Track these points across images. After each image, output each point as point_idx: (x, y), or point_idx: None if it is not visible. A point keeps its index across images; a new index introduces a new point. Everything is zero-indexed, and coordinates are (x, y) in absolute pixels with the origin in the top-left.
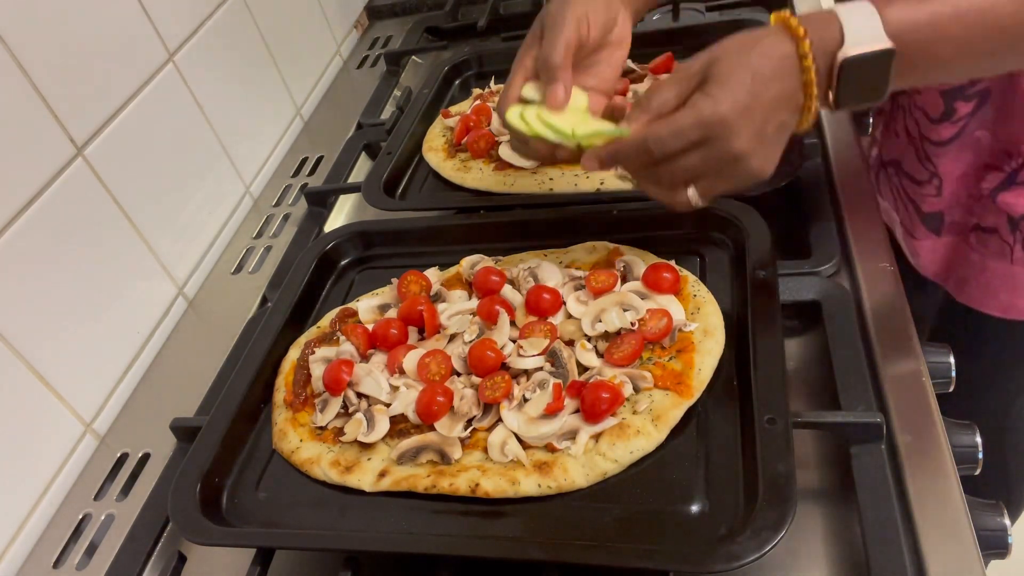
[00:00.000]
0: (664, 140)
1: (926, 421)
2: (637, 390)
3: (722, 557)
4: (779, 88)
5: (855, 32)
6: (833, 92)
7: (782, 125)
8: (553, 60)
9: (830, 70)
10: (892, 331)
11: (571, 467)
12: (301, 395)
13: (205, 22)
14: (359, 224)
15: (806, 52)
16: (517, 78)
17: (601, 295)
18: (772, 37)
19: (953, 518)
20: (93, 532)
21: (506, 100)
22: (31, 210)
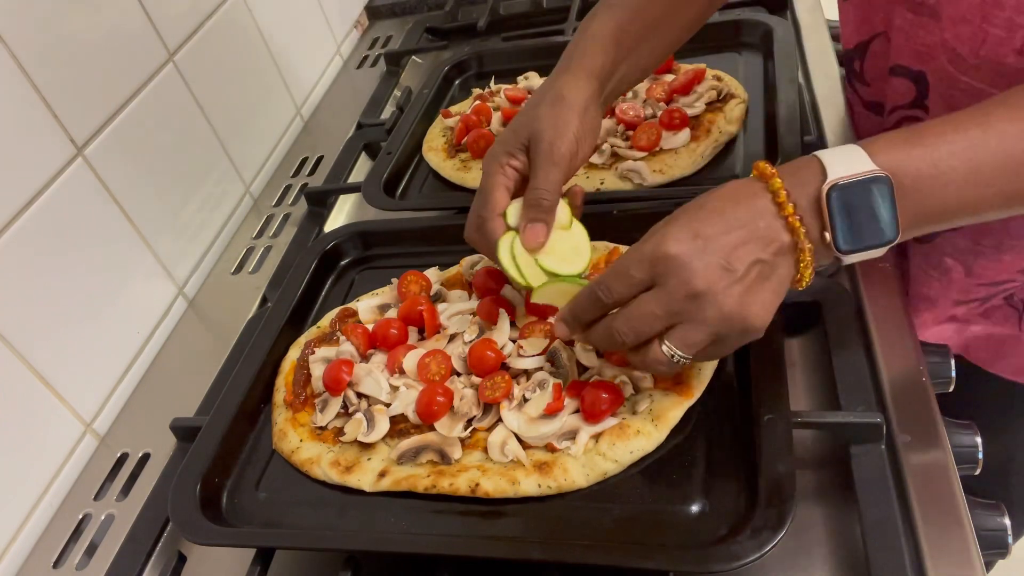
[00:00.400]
0: (609, 283)
1: (926, 421)
2: (637, 390)
3: (722, 557)
4: (746, 226)
5: (836, 164)
6: (830, 233)
7: (763, 267)
8: (546, 202)
9: (817, 208)
10: (892, 331)
11: (571, 467)
12: (301, 395)
13: (205, 22)
14: (359, 224)
15: (778, 188)
16: (498, 192)
17: None
18: (739, 181)
19: (953, 518)
20: (93, 532)
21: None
22: (31, 210)
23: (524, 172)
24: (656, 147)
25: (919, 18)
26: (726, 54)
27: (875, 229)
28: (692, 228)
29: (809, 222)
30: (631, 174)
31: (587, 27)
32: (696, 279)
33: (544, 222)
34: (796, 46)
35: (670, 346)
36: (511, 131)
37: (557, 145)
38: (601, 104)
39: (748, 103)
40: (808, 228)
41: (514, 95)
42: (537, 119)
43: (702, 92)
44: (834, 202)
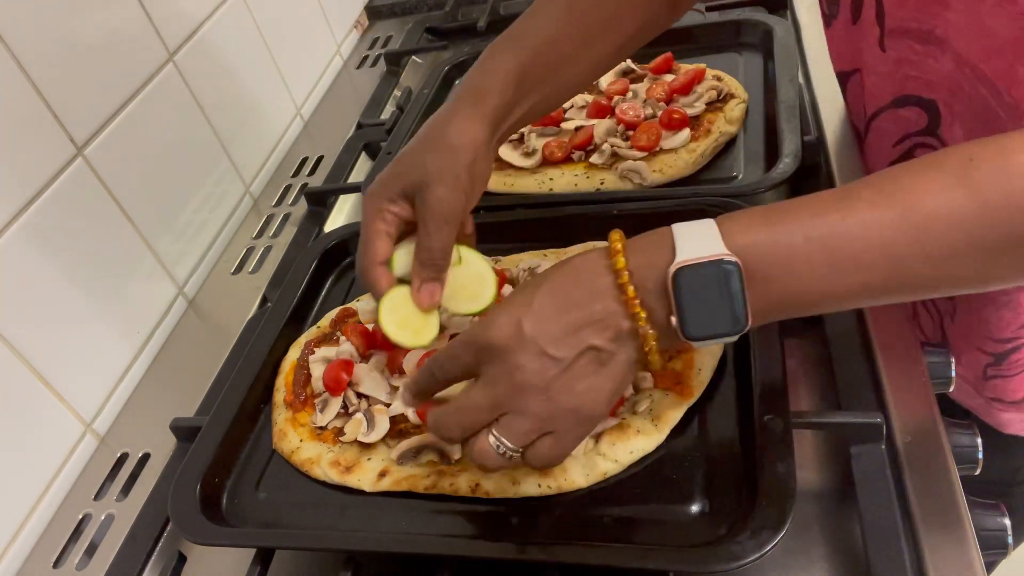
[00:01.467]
0: (442, 362)
1: (926, 421)
2: (637, 390)
3: (722, 557)
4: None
5: (687, 243)
6: (676, 318)
7: (597, 354)
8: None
9: (664, 289)
10: (892, 331)
11: (571, 467)
12: (301, 395)
13: (205, 22)
14: (359, 224)
15: (620, 268)
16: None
17: None
18: (587, 254)
19: (953, 518)
20: (93, 532)
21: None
22: (31, 210)
23: (406, 218)
24: (656, 147)
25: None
26: (726, 54)
27: (723, 316)
28: (517, 313)
29: (654, 304)
30: (631, 174)
31: (484, 63)
32: (516, 371)
33: (439, 281)
34: (796, 46)
35: (497, 436)
36: (393, 175)
37: (448, 201)
38: (495, 143)
39: (748, 103)
40: (652, 311)
41: None
42: (424, 168)
43: (702, 92)
44: (680, 286)
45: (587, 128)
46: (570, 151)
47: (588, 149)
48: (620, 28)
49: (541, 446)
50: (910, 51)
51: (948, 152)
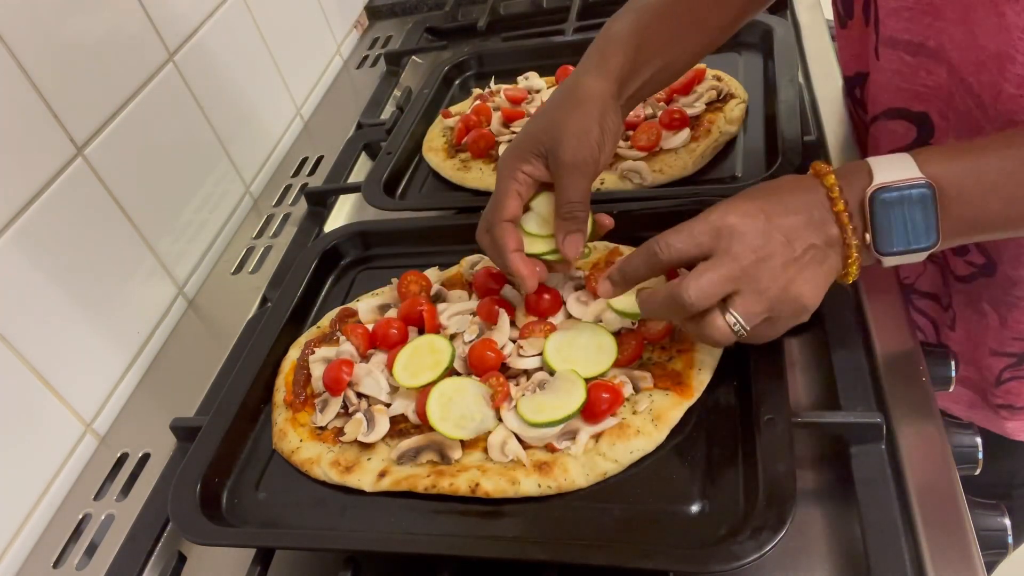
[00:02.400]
0: (670, 239)
1: (926, 421)
2: (637, 390)
3: (722, 557)
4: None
5: (884, 169)
6: (870, 233)
7: (816, 252)
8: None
9: (862, 208)
10: (892, 331)
11: (571, 467)
12: (301, 395)
13: (205, 22)
14: (359, 224)
15: (832, 184)
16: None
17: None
18: (795, 175)
19: (953, 518)
20: (93, 532)
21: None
22: (31, 210)
23: (539, 178)
24: (656, 147)
25: (918, 59)
26: (726, 54)
27: (914, 235)
28: (757, 204)
29: (856, 221)
30: (631, 174)
31: (608, 29)
32: (761, 248)
33: (581, 232)
34: (796, 46)
35: (733, 314)
36: (528, 136)
37: (580, 154)
38: (623, 105)
39: (748, 103)
40: (855, 227)
41: (514, 95)
42: (556, 126)
43: (702, 92)
44: (877, 205)
45: None
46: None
47: None
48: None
49: (760, 328)
50: (900, 62)
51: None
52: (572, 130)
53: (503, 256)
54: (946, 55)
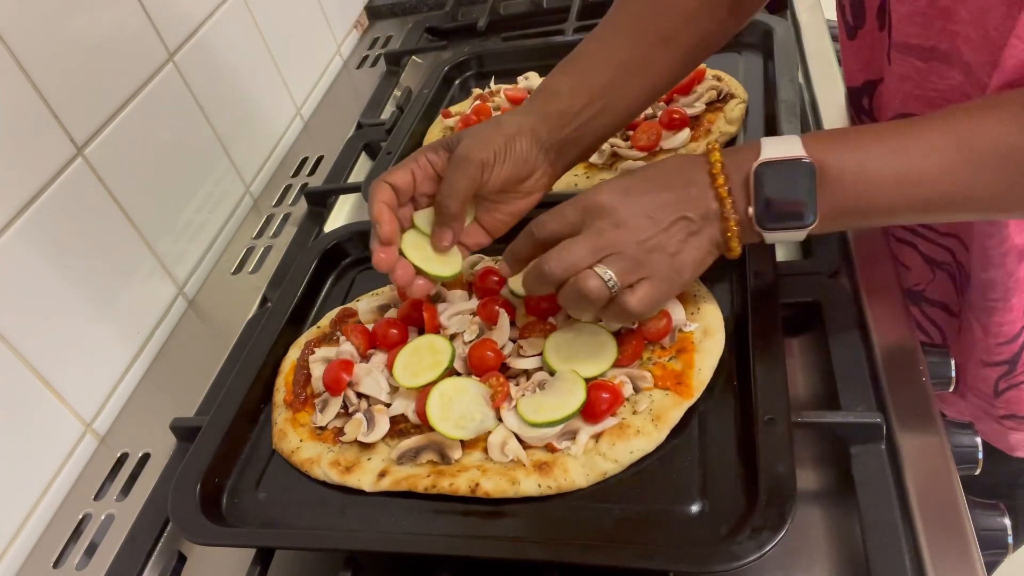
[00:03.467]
0: (544, 219)
1: (926, 421)
2: (637, 390)
3: (722, 557)
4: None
5: (771, 147)
6: (753, 208)
7: (688, 224)
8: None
9: (746, 183)
10: (892, 331)
11: (571, 467)
12: (301, 395)
13: (205, 22)
14: (359, 224)
15: (715, 161)
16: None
17: None
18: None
19: (953, 518)
20: (93, 532)
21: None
22: (31, 210)
23: (438, 168)
24: (656, 147)
25: (930, 64)
26: (726, 54)
27: (793, 211)
28: (624, 184)
29: (738, 196)
30: None
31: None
32: (620, 223)
33: (449, 227)
34: (796, 46)
35: (603, 267)
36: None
37: (473, 153)
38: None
39: (748, 103)
40: (736, 201)
41: (514, 95)
42: (469, 130)
43: (702, 92)
44: (760, 179)
45: None
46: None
47: None
48: (681, 39)
49: (639, 288)
50: (912, 68)
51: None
52: (479, 134)
53: (370, 204)
54: (961, 57)
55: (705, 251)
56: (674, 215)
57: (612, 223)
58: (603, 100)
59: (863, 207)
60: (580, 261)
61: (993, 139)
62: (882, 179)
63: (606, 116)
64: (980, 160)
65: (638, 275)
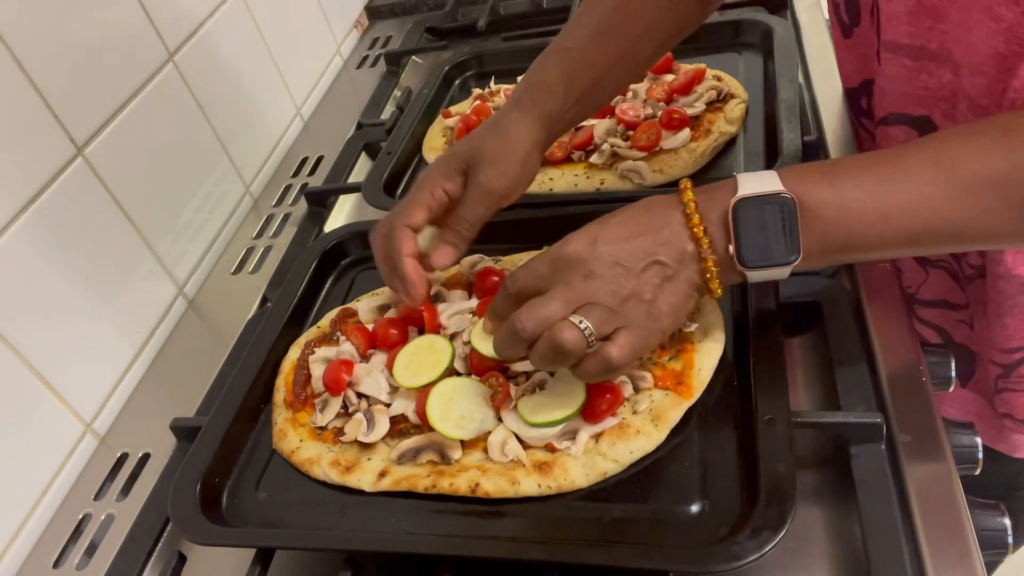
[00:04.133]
0: (516, 274)
1: (926, 421)
2: (637, 390)
3: (722, 557)
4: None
5: (748, 183)
6: (733, 246)
7: (663, 269)
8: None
9: (725, 222)
10: (892, 331)
11: (571, 467)
12: (301, 395)
13: (205, 22)
14: (359, 224)
15: (688, 200)
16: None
17: None
18: (658, 196)
19: (953, 518)
20: (93, 532)
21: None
22: (31, 210)
23: (454, 196)
24: (656, 147)
25: (919, 63)
26: (726, 54)
27: (775, 247)
28: (592, 232)
29: (716, 235)
30: (631, 174)
31: (540, 71)
32: (590, 274)
33: (457, 248)
34: (796, 46)
35: (580, 317)
36: (455, 154)
37: (496, 183)
38: (543, 150)
39: (748, 103)
40: (714, 240)
41: None
42: (482, 150)
43: (702, 92)
44: (739, 216)
45: (587, 128)
46: (570, 151)
47: (588, 149)
48: (657, 33)
49: (618, 337)
50: (901, 67)
51: (987, 122)
52: (498, 161)
53: (397, 258)
54: (951, 56)
55: (683, 295)
56: (646, 260)
57: (583, 274)
58: (588, 96)
59: (847, 242)
60: (553, 315)
61: (973, 169)
62: (863, 212)
63: (583, 111)
64: (961, 191)
65: (615, 325)
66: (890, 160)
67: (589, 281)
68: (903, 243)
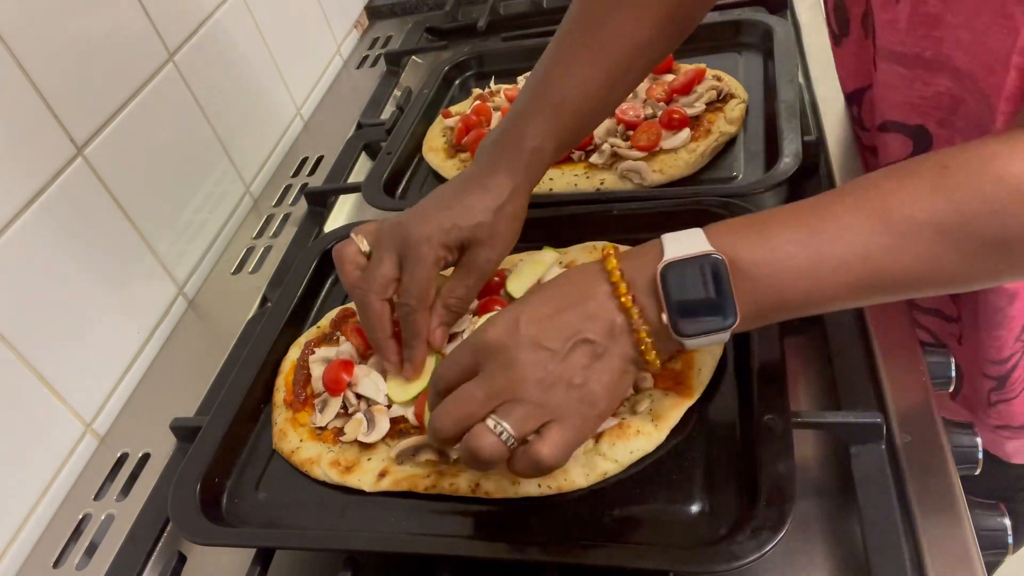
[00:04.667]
0: (440, 370)
1: (926, 421)
2: (637, 390)
3: (722, 557)
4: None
5: (674, 245)
6: (666, 314)
7: (592, 347)
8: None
9: (654, 288)
10: (892, 331)
11: (571, 467)
12: (301, 395)
13: (205, 22)
14: (360, 224)
15: (612, 268)
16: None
17: None
18: (582, 266)
19: (953, 518)
20: (93, 532)
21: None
22: (31, 210)
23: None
24: (656, 147)
25: (913, 71)
26: (726, 54)
27: (710, 311)
28: (514, 315)
29: (646, 303)
30: (631, 174)
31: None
32: (512, 363)
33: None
34: (796, 46)
35: (495, 419)
36: (452, 224)
37: (493, 263)
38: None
39: (748, 103)
40: (644, 309)
41: (514, 95)
42: (479, 224)
43: (702, 92)
44: (668, 281)
45: None
46: (570, 151)
47: (588, 149)
48: (640, 66)
49: (547, 434)
50: (895, 75)
51: (924, 159)
52: (494, 239)
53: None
54: (950, 62)
55: (617, 372)
56: (573, 340)
57: (503, 364)
58: (570, 137)
59: (782, 301)
60: (471, 411)
61: (910, 213)
62: (797, 269)
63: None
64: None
65: (542, 420)
66: (825, 208)
67: (510, 371)
68: (846, 297)
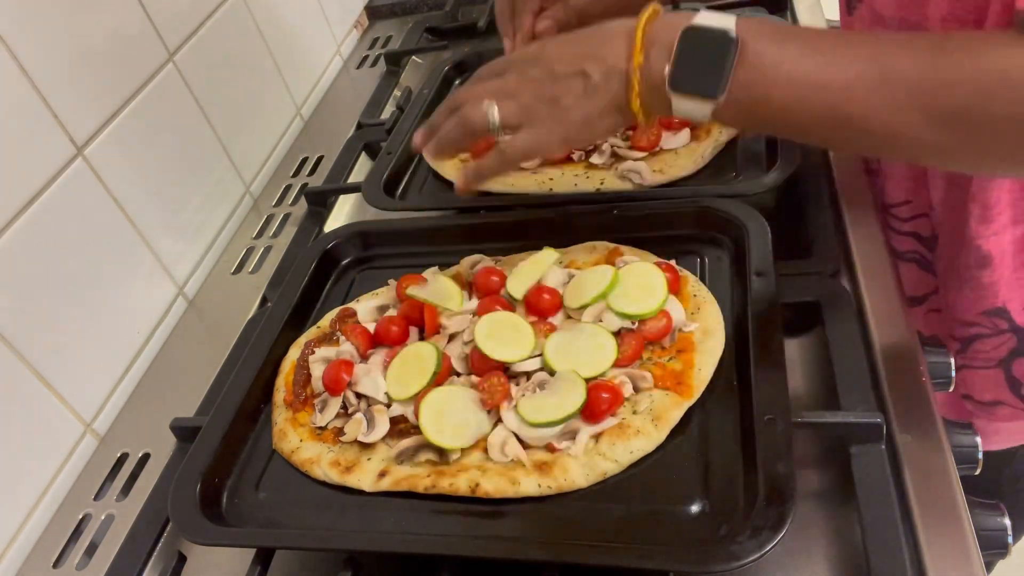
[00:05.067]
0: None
1: (926, 421)
2: (637, 390)
3: (722, 557)
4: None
5: (706, 15)
6: (670, 64)
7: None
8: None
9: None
10: (892, 331)
11: (571, 467)
12: (301, 395)
13: (205, 22)
14: (359, 224)
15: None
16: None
17: None
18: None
19: (953, 518)
20: (93, 532)
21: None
22: (31, 210)
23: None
24: (656, 147)
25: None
26: None
27: (704, 78)
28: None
29: (657, 54)
30: (631, 174)
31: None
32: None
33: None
34: None
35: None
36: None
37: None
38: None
39: None
40: (651, 59)
41: None
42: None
43: None
44: (685, 40)
45: None
46: (570, 151)
47: (588, 149)
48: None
49: (519, 134)
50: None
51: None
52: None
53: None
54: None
55: (599, 109)
56: (575, 69)
57: (519, 71)
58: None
59: (770, 97)
60: (478, 93)
61: (903, 69)
62: (792, 73)
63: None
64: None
65: (521, 119)
66: (838, 40)
67: (521, 78)
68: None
